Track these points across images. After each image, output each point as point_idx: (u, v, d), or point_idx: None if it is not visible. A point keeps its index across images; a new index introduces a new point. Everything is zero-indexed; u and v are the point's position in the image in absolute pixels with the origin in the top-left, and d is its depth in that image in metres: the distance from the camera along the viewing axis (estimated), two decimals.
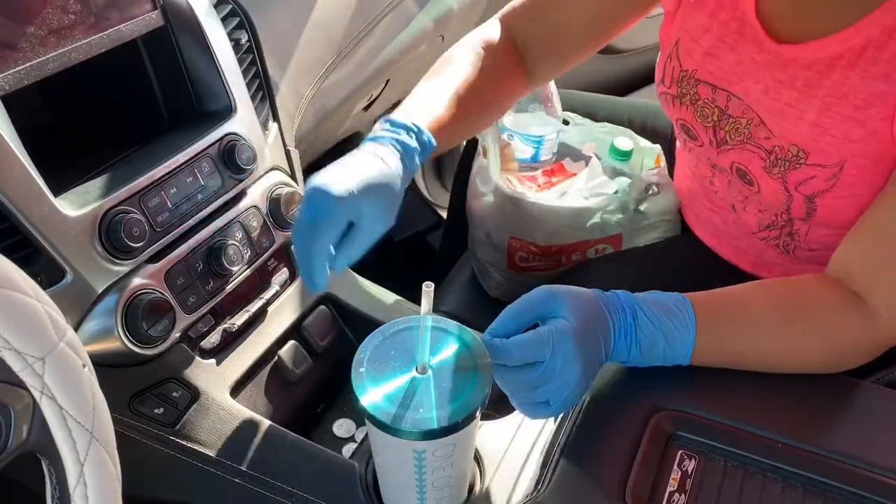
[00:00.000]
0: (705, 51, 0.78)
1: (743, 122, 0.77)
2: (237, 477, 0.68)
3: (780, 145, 0.74)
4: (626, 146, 1.12)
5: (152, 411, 0.71)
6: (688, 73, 0.80)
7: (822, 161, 0.71)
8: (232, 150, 0.78)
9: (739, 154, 0.79)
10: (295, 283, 0.85)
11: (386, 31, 1.10)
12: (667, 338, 0.63)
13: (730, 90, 0.77)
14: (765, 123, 0.75)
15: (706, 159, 0.88)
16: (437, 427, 0.52)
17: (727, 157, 0.81)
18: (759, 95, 0.74)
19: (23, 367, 0.42)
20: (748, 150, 0.78)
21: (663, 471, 0.60)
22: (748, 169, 0.79)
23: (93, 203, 0.67)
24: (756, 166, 0.78)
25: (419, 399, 0.54)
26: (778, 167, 0.75)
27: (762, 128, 0.75)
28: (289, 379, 0.81)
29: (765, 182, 0.78)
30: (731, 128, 0.79)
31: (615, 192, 1.07)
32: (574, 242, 1.07)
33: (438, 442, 0.54)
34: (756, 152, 0.77)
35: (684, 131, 0.87)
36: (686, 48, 0.80)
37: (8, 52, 0.61)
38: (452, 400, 0.54)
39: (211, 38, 0.80)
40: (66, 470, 0.44)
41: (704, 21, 0.77)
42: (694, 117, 0.82)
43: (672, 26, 0.82)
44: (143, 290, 0.69)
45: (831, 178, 0.72)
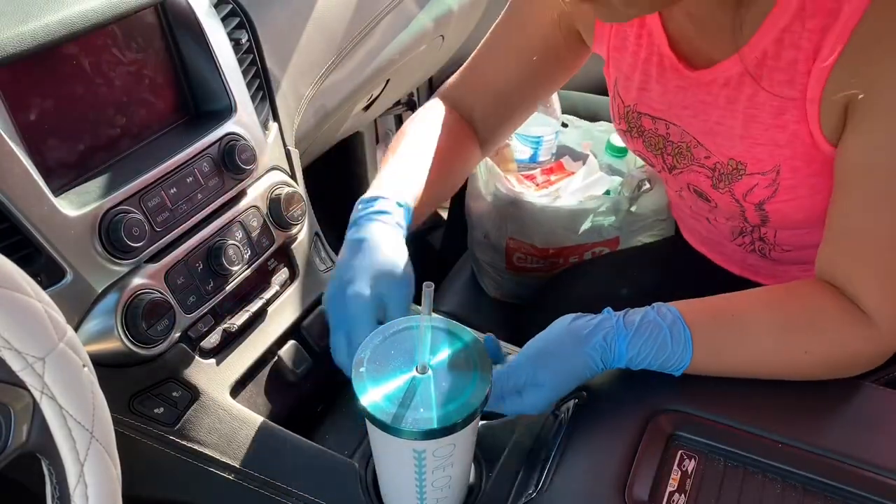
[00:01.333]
0: (637, 86, 0.81)
1: (683, 146, 0.80)
2: (237, 477, 0.68)
3: (719, 161, 0.77)
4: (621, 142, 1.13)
5: (152, 411, 0.71)
6: (630, 107, 0.84)
7: (759, 169, 0.73)
8: (232, 150, 0.78)
9: (689, 175, 0.82)
10: (295, 283, 0.85)
11: (386, 31, 1.10)
12: (660, 365, 0.65)
13: (666, 118, 0.80)
14: (701, 144, 0.78)
15: (667, 180, 0.91)
16: (437, 427, 0.52)
17: (681, 180, 0.84)
18: (691, 119, 0.77)
19: (23, 366, 0.42)
20: (694, 170, 0.81)
21: (663, 471, 0.60)
22: (700, 188, 0.82)
23: (93, 203, 0.67)
24: (705, 184, 0.81)
25: (419, 399, 0.54)
26: (723, 181, 0.78)
27: (700, 148, 0.78)
28: (289, 379, 0.81)
29: (716, 197, 0.81)
30: (675, 153, 0.82)
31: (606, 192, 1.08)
32: (571, 245, 1.08)
33: (438, 442, 0.54)
34: (701, 171, 0.80)
35: (643, 159, 0.90)
36: (623, 86, 0.83)
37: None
38: (453, 400, 0.54)
39: (211, 37, 0.80)
40: (66, 470, 0.44)
41: (630, 60, 0.81)
42: (644, 148, 0.86)
43: (609, 67, 0.85)
44: (143, 290, 0.69)
45: (771, 184, 0.74)
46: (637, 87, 0.81)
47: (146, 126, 0.77)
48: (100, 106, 0.72)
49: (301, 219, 0.84)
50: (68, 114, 0.69)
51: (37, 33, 0.63)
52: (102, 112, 0.72)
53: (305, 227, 0.87)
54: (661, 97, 0.79)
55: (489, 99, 0.90)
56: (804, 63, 0.65)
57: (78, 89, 0.70)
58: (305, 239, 0.87)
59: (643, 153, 0.87)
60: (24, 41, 0.62)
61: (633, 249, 1.08)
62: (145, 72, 0.76)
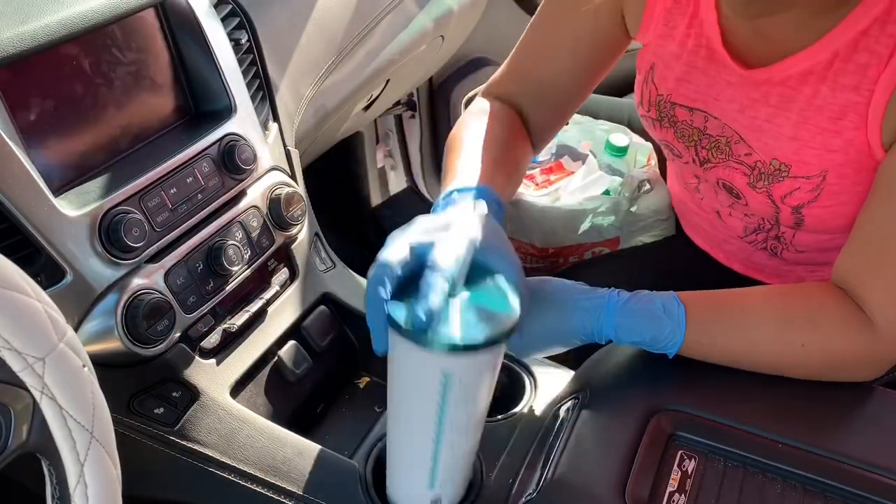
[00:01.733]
0: (678, 76, 0.79)
1: (723, 141, 0.78)
2: (237, 477, 0.68)
3: (761, 160, 0.75)
4: (621, 142, 1.13)
5: (152, 411, 0.70)
6: (663, 96, 0.81)
7: (805, 173, 0.72)
8: (232, 150, 0.78)
9: (723, 171, 0.80)
10: (295, 283, 0.85)
11: (386, 32, 1.10)
12: (651, 339, 0.65)
13: (706, 111, 0.78)
14: (744, 140, 0.76)
15: (692, 175, 0.89)
16: (469, 342, 0.51)
17: (712, 174, 0.82)
18: (736, 114, 0.75)
19: (23, 367, 0.42)
20: (731, 166, 0.79)
21: (663, 471, 0.60)
22: (733, 184, 0.80)
23: (93, 203, 0.67)
24: (740, 182, 0.79)
25: (452, 314, 0.53)
26: (762, 181, 0.76)
27: (742, 144, 0.76)
28: (289, 379, 0.81)
29: (751, 196, 0.79)
30: (711, 146, 0.80)
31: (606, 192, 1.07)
32: (571, 245, 1.07)
33: (468, 361, 0.52)
34: (739, 168, 0.78)
35: (668, 150, 0.88)
36: (660, 74, 0.81)
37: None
38: (485, 319, 0.53)
39: (211, 38, 0.79)
40: (66, 470, 0.44)
41: (675, 49, 0.79)
42: (675, 138, 0.83)
43: (646, 53, 0.83)
44: (143, 290, 0.69)
45: (815, 188, 0.72)
46: (677, 77, 0.79)
47: (146, 126, 0.77)
48: (100, 106, 0.72)
49: (301, 219, 0.84)
50: (68, 114, 0.69)
51: (37, 33, 0.63)
52: (102, 112, 0.72)
53: (305, 227, 0.87)
54: (705, 89, 0.77)
55: (539, 96, 0.86)
56: (875, 68, 0.64)
57: (78, 89, 0.70)
58: (305, 239, 0.87)
59: (672, 143, 0.85)
60: (24, 41, 0.62)
61: (634, 249, 1.08)
62: (145, 72, 0.76)
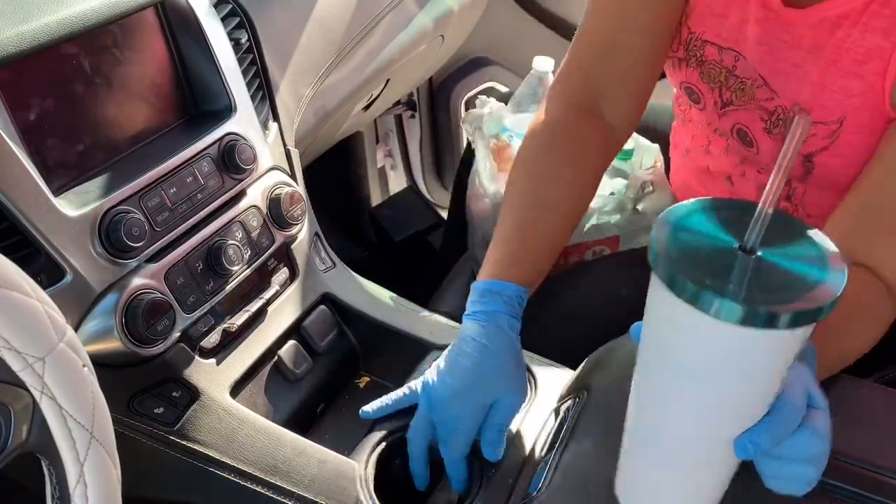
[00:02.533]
0: (715, 12, 0.79)
1: (748, 83, 0.78)
2: (237, 477, 0.68)
3: (782, 105, 0.76)
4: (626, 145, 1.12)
5: (152, 411, 0.70)
6: (695, 34, 0.81)
7: (823, 118, 0.73)
8: (232, 150, 0.78)
9: (743, 115, 0.80)
10: (295, 282, 0.85)
11: (386, 31, 1.10)
12: None
13: (736, 49, 0.78)
14: (767, 84, 0.76)
15: (706, 125, 0.89)
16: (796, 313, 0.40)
17: (729, 119, 0.82)
18: (764, 56, 0.76)
19: (23, 366, 0.42)
20: (751, 111, 0.79)
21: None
22: (749, 129, 0.80)
23: (93, 203, 0.67)
24: (757, 127, 0.79)
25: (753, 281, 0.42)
26: (779, 127, 0.77)
27: (765, 89, 0.77)
28: (289, 379, 0.81)
29: (765, 142, 0.79)
30: (737, 88, 0.80)
31: (611, 194, 1.07)
32: (571, 244, 1.07)
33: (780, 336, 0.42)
34: (758, 113, 0.78)
35: (687, 94, 0.87)
36: (699, 12, 0.80)
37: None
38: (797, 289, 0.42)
39: (211, 37, 0.79)
40: (66, 470, 0.44)
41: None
42: (700, 78, 0.83)
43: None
44: (143, 290, 0.69)
45: (830, 135, 0.73)
46: (714, 14, 0.79)
47: (146, 126, 0.77)
48: (100, 106, 0.72)
49: (301, 219, 0.84)
50: (68, 114, 0.69)
51: (37, 33, 0.63)
52: (102, 112, 0.72)
53: (305, 226, 0.87)
54: (738, 27, 0.77)
55: (621, 59, 0.82)
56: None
57: (78, 89, 0.70)
58: (305, 239, 0.87)
59: (694, 85, 0.84)
60: (24, 41, 0.62)
61: (634, 250, 1.08)
62: (145, 72, 0.76)
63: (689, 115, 0.93)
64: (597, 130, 0.84)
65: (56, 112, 0.68)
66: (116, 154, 0.74)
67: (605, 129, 0.84)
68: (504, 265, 0.74)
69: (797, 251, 0.44)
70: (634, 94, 0.84)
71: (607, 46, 0.82)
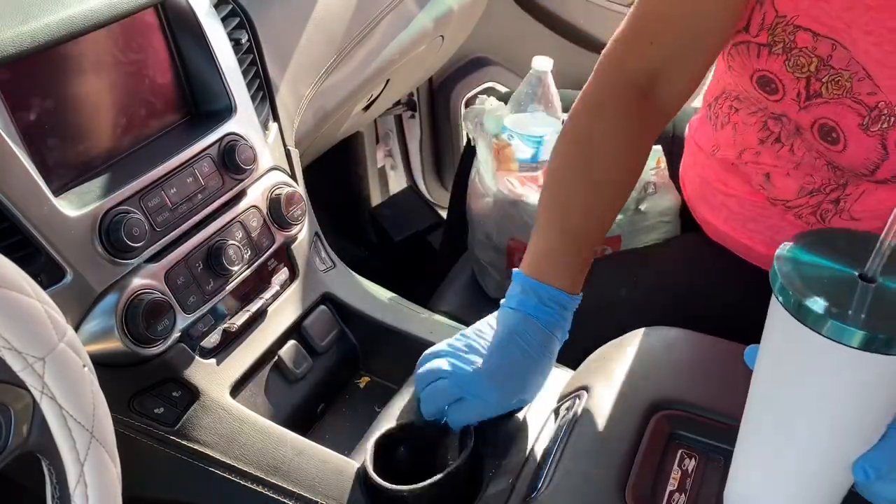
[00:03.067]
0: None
1: (845, 75, 0.72)
2: (237, 477, 0.68)
3: (886, 101, 0.70)
4: None
5: (152, 411, 0.70)
6: (784, 18, 0.72)
7: None
8: (232, 150, 0.78)
9: (831, 109, 0.74)
10: (295, 282, 0.85)
11: (386, 32, 1.10)
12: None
13: (835, 38, 0.71)
14: (871, 77, 0.70)
15: (758, 127, 0.83)
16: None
17: (813, 113, 0.76)
18: (870, 46, 0.69)
19: (23, 366, 0.42)
20: (845, 104, 0.73)
21: (663, 470, 0.60)
22: (838, 125, 0.74)
23: (93, 203, 0.67)
24: (850, 122, 0.73)
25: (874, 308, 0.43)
26: (879, 124, 0.71)
27: (867, 82, 0.71)
28: (289, 379, 0.81)
29: (857, 140, 0.73)
30: (829, 80, 0.73)
31: None
32: None
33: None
34: (854, 108, 0.72)
35: (760, 86, 0.79)
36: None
37: None
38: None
39: (211, 38, 0.80)
40: (66, 470, 0.44)
41: None
42: (784, 67, 0.75)
43: None
44: (143, 290, 0.69)
45: None
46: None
47: (146, 126, 0.77)
48: (100, 106, 0.72)
49: (301, 219, 0.84)
50: (68, 114, 0.69)
51: (37, 33, 0.63)
52: (102, 112, 0.72)
53: (305, 227, 0.87)
54: (840, 13, 0.69)
55: (677, 45, 0.75)
56: None
57: (78, 89, 0.70)
58: (305, 239, 0.87)
59: (776, 73, 0.76)
60: (24, 41, 0.62)
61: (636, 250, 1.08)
62: (145, 72, 0.76)
63: (732, 118, 0.86)
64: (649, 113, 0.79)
65: (56, 112, 0.68)
66: (116, 154, 0.74)
67: (655, 113, 0.79)
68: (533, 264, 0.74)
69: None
70: (693, 71, 0.78)
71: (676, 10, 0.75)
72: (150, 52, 0.77)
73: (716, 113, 0.90)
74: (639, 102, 0.77)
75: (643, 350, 0.70)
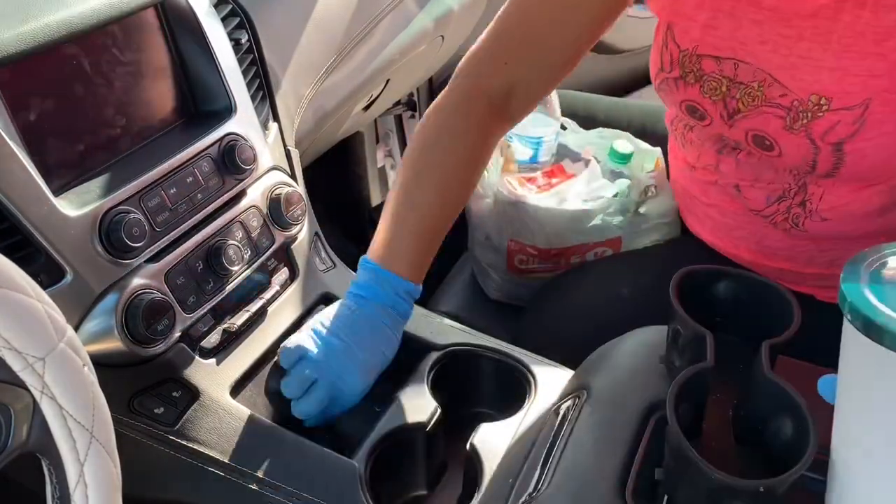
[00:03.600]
0: (703, 24, 0.78)
1: (755, 86, 0.77)
2: (237, 477, 0.68)
3: (798, 98, 0.74)
4: (625, 149, 1.12)
5: (152, 411, 0.70)
6: (687, 52, 0.80)
7: (846, 103, 0.71)
8: (232, 150, 0.78)
9: (754, 120, 0.79)
10: (295, 283, 0.85)
11: (386, 32, 1.10)
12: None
13: (735, 57, 0.77)
14: (778, 81, 0.75)
15: (713, 141, 0.87)
16: None
17: (741, 127, 0.81)
18: (769, 55, 0.74)
19: (23, 366, 0.42)
20: (764, 112, 0.77)
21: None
22: (767, 133, 0.78)
23: (93, 203, 0.67)
24: (775, 127, 0.77)
25: None
26: (800, 121, 0.75)
27: (776, 86, 0.75)
28: None
29: (787, 141, 0.77)
30: (742, 95, 0.78)
31: (615, 195, 1.07)
32: (573, 245, 1.07)
33: None
34: (773, 112, 0.77)
35: (689, 113, 0.86)
36: (681, 28, 0.80)
37: None
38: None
39: (211, 38, 0.80)
40: (66, 470, 0.44)
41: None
42: (700, 94, 0.82)
43: (662, 16, 0.83)
44: (143, 290, 0.69)
45: (857, 120, 0.71)
46: (702, 26, 0.78)
47: (146, 126, 0.77)
48: (100, 106, 0.72)
49: (301, 219, 0.84)
50: (68, 114, 0.69)
51: (37, 33, 0.63)
52: (102, 112, 0.72)
53: (305, 227, 0.87)
54: (731, 34, 0.76)
55: (534, 65, 0.83)
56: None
57: (78, 89, 0.70)
58: (305, 239, 0.87)
59: (696, 101, 0.83)
60: (24, 41, 0.62)
61: (636, 251, 1.08)
62: (145, 72, 0.76)
63: (688, 137, 0.91)
64: (497, 121, 0.86)
65: (56, 112, 0.68)
66: (116, 154, 0.74)
67: (503, 121, 0.87)
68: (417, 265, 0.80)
69: None
70: (545, 89, 0.88)
71: (533, 31, 0.82)
72: (150, 52, 0.77)
73: (676, 133, 0.95)
74: (488, 111, 0.84)
75: (643, 350, 0.70)
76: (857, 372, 0.46)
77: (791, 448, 0.50)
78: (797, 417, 0.50)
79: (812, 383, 0.56)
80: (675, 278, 0.60)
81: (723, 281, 0.62)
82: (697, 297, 0.61)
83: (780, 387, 0.51)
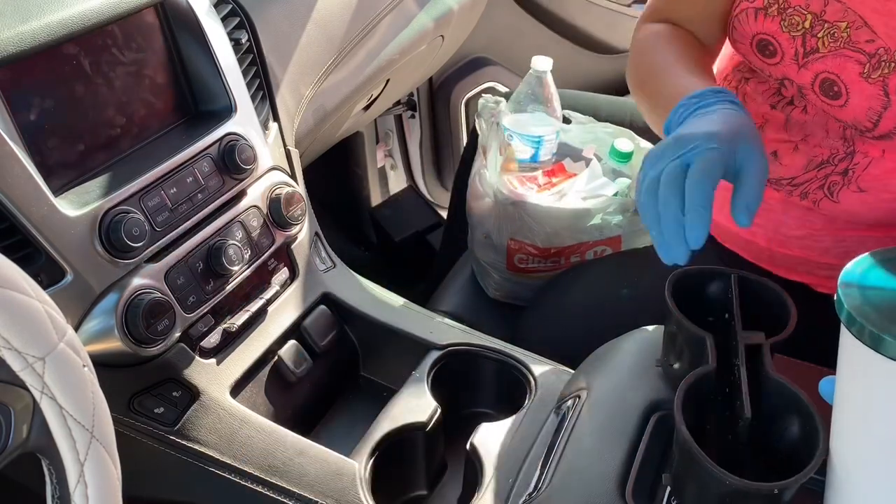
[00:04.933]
0: None
1: (842, 26, 0.75)
2: (237, 477, 0.68)
3: (885, 47, 0.72)
4: (626, 147, 1.12)
5: (152, 411, 0.71)
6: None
7: None
8: (232, 150, 0.78)
9: (831, 62, 0.77)
10: (295, 282, 0.85)
11: (386, 31, 1.10)
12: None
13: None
14: (868, 25, 0.73)
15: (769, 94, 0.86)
16: None
17: (812, 69, 0.79)
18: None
19: (23, 366, 0.42)
20: (844, 55, 0.76)
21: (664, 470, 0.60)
22: (839, 77, 0.77)
23: (93, 203, 0.67)
24: (851, 72, 0.75)
25: None
26: (880, 70, 0.73)
27: (865, 30, 0.73)
28: (289, 379, 0.81)
29: (858, 89, 0.75)
30: (825, 34, 0.76)
31: (615, 194, 1.08)
32: (573, 244, 1.07)
33: None
34: (853, 57, 0.75)
35: (759, 50, 0.83)
36: None
37: None
38: None
39: (211, 37, 0.80)
40: (66, 470, 0.44)
41: None
42: (779, 28, 0.80)
43: None
44: (143, 290, 0.69)
45: None
46: None
47: (146, 126, 0.77)
48: (100, 106, 0.72)
49: (301, 219, 0.84)
50: (68, 114, 0.69)
51: (37, 33, 0.63)
52: (102, 112, 0.72)
53: (305, 226, 0.87)
54: None
55: (704, 11, 0.86)
56: None
57: (78, 89, 0.70)
58: (305, 239, 0.87)
59: (772, 36, 0.80)
60: (24, 41, 0.62)
61: (636, 250, 1.08)
62: (145, 72, 0.76)
63: (742, 90, 0.90)
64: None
65: (56, 112, 0.68)
66: (116, 154, 0.74)
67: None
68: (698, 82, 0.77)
69: None
70: (716, 35, 0.88)
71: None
72: (150, 52, 0.77)
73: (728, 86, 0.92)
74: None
75: (643, 350, 0.70)
76: (854, 377, 0.46)
77: (798, 448, 0.50)
78: (805, 418, 0.50)
79: (812, 384, 0.56)
80: (669, 280, 0.60)
81: (717, 281, 0.62)
82: (694, 298, 0.61)
83: (787, 387, 0.51)
